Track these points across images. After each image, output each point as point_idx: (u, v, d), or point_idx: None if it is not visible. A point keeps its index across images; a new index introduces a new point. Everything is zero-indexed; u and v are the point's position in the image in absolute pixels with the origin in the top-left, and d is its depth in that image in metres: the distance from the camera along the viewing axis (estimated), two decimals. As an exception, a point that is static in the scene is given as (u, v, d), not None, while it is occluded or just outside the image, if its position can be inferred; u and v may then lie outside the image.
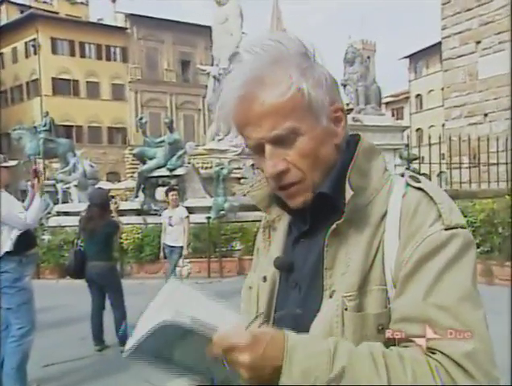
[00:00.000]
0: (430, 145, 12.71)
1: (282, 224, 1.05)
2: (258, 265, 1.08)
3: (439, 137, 13.43)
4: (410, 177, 0.92)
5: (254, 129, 0.88)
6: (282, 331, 0.79)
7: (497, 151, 13.78)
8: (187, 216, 7.58)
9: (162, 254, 7.90)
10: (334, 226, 0.87)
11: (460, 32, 18.57)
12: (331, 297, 0.87)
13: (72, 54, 38.18)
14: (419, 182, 0.91)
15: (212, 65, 16.62)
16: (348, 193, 0.87)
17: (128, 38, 40.10)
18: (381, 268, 0.87)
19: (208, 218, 10.31)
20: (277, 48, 0.88)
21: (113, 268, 5.61)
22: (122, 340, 5.30)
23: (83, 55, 38.71)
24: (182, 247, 7.41)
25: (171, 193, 7.73)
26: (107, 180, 28.17)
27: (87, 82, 38.73)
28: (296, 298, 0.93)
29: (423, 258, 0.82)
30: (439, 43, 20.78)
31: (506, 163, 13.71)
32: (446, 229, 0.83)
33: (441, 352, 0.78)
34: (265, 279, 1.01)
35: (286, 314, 0.92)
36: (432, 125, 37.23)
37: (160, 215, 11.28)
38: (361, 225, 0.89)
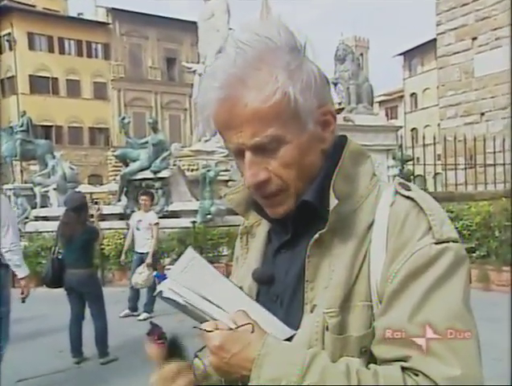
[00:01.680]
0: (424, 145, 12.80)
1: (262, 230, 1.02)
2: (235, 275, 1.06)
3: (434, 138, 13.55)
4: (400, 184, 0.89)
5: (235, 134, 0.85)
6: (264, 337, 0.80)
7: (494, 152, 13.90)
8: (157, 223, 7.45)
9: (122, 258, 7.82)
10: (317, 235, 0.85)
11: (455, 28, 18.72)
12: (312, 312, 0.85)
13: (51, 50, 37.81)
14: (409, 189, 0.87)
15: (198, 63, 16.59)
16: (333, 201, 0.84)
17: (110, 34, 39.91)
18: (366, 283, 0.84)
19: (194, 222, 10.27)
20: (264, 44, 0.84)
21: (93, 276, 5.57)
22: (102, 351, 5.26)
23: (62, 52, 38.39)
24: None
25: (142, 197, 7.65)
26: (88, 183, 28.01)
27: (67, 80, 38.44)
28: (278, 313, 0.89)
29: (411, 274, 0.80)
30: (435, 40, 20.95)
31: (504, 164, 13.83)
32: (436, 243, 0.81)
33: (424, 374, 0.75)
34: (241, 289, 0.98)
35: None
36: (428, 125, 37.50)
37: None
38: (345, 235, 0.86)
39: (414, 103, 44.95)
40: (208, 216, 10.88)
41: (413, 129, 40.18)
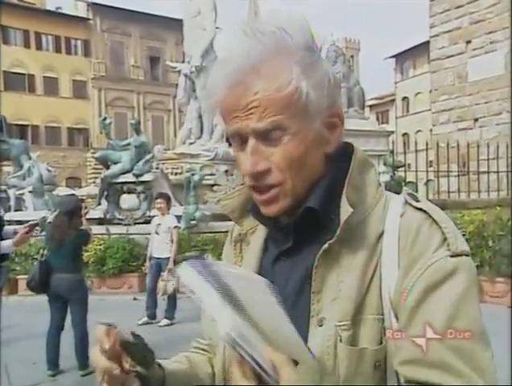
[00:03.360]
0: (416, 151, 12.91)
1: (257, 238, 1.03)
2: None
3: (427, 143, 13.65)
4: (409, 194, 0.91)
5: (240, 119, 0.86)
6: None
7: (488, 159, 14.05)
8: (176, 226, 7.59)
9: (147, 265, 7.92)
10: (326, 245, 0.85)
11: (449, 31, 18.92)
12: (320, 325, 0.85)
13: (27, 45, 37.51)
14: (419, 201, 0.89)
15: (183, 62, 16.58)
16: (347, 210, 0.85)
17: (90, 30, 39.78)
18: (377, 296, 0.85)
19: (178, 228, 10.24)
20: (280, 37, 0.86)
21: (81, 281, 5.56)
22: (82, 363, 5.21)
23: (39, 47, 38.11)
24: (168, 259, 7.37)
25: (157, 200, 7.77)
26: (66, 186, 27.81)
27: (44, 77, 38.17)
28: None
29: (429, 288, 0.80)
30: (428, 42, 21.17)
31: (497, 172, 13.99)
32: (452, 256, 0.82)
33: None
34: None
35: None
36: (419, 130, 37.86)
37: (125, 225, 11.27)
38: (354, 245, 0.87)
39: (405, 107, 45.36)
40: (193, 222, 10.85)
41: (404, 135, 40.55)
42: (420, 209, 0.87)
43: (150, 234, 9.05)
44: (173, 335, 6.14)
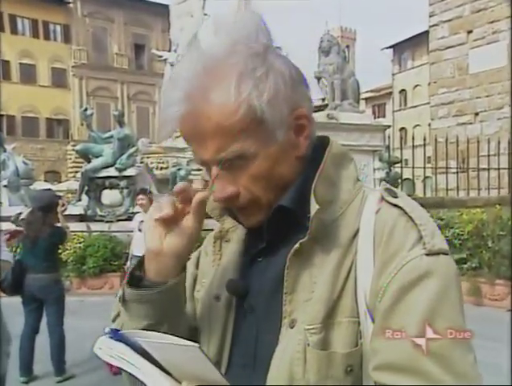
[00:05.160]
0: (414, 146, 12.93)
1: (238, 236, 1.03)
2: (207, 281, 1.05)
3: (425, 138, 13.69)
4: (386, 190, 0.90)
5: (200, 148, 0.87)
6: None
7: (488, 155, 14.11)
8: None
9: (128, 265, 7.89)
10: (297, 245, 0.85)
11: (449, 20, 19.01)
12: (292, 327, 0.85)
13: (1, 29, 36.79)
14: (396, 197, 0.88)
15: (169, 50, 16.55)
16: (314, 207, 0.84)
17: (71, 14, 39.45)
18: (352, 297, 0.84)
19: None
20: (231, 48, 0.85)
21: (57, 281, 5.50)
22: (58, 368, 5.17)
23: (15, 32, 37.65)
24: None
25: (138, 197, 7.74)
26: (45, 180, 27.63)
27: (20, 64, 37.82)
28: (253, 325, 0.91)
29: (404, 289, 0.79)
30: (427, 32, 21.24)
31: (498, 168, 14.07)
32: (427, 255, 0.81)
33: None
34: (218, 298, 0.98)
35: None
36: (417, 125, 38.00)
37: (107, 222, 11.23)
38: (327, 244, 0.87)
39: (403, 100, 45.53)
40: (178, 219, 10.85)
41: (402, 129, 40.67)
42: (396, 205, 0.87)
43: (132, 231, 9.06)
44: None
